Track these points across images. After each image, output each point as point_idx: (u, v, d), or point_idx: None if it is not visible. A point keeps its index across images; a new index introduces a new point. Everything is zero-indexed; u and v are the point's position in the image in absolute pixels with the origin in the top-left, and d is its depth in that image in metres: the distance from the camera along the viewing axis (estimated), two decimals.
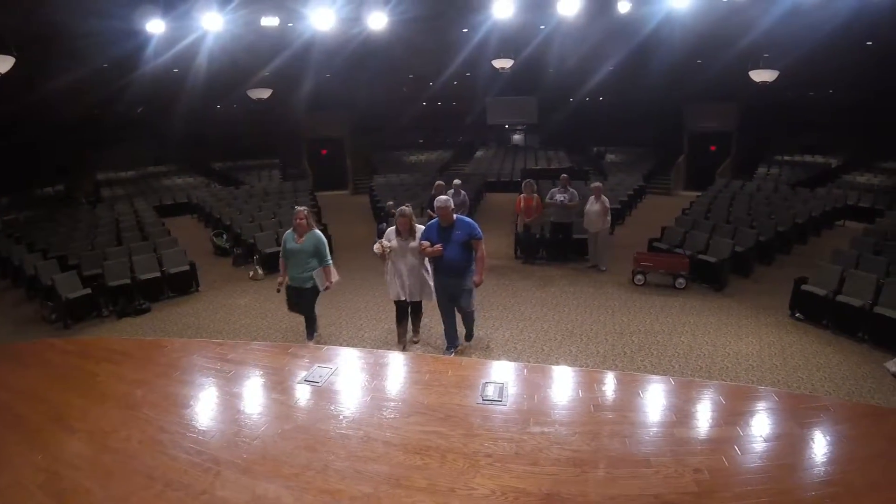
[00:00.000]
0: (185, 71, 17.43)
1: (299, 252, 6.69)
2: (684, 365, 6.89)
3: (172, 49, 14.38)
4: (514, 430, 2.97)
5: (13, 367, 4.70)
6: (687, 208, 15.68)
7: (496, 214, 17.46)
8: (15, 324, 10.06)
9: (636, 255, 10.46)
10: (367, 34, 14.82)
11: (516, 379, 3.63)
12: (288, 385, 3.62)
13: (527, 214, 11.64)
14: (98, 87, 17.60)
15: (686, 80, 20.69)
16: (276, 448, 3.00)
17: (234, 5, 12.57)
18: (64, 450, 3.21)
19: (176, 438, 3.20)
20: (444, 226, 6.53)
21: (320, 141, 27.05)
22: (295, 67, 18.35)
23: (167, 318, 9.63)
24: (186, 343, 4.95)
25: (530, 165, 25.17)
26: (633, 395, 3.41)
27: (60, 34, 13.08)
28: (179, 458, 2.99)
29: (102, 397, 3.88)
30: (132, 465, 2.99)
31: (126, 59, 14.89)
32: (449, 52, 18.43)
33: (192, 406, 3.72)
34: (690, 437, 2.92)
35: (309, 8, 12.96)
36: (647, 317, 8.59)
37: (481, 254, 6.56)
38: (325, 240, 6.83)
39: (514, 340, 7.73)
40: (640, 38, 15.56)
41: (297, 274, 6.76)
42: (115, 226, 15.26)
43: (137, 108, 22.12)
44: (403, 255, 6.69)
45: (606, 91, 25.59)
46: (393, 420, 3.13)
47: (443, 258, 6.46)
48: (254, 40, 15.13)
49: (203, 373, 4.14)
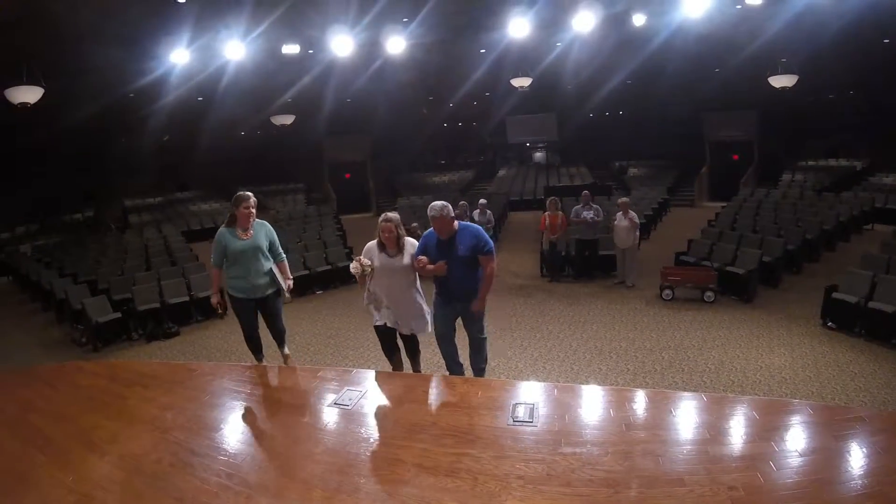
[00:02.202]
0: (209, 98, 17.79)
1: (249, 249, 4.97)
2: (716, 380, 6.77)
3: (196, 78, 14.72)
4: (545, 452, 2.96)
5: (42, 390, 4.79)
6: (712, 220, 15.44)
7: (521, 233, 17.40)
8: (44, 346, 10.25)
9: (663, 269, 10.34)
10: (385, 58, 15.03)
11: (546, 399, 3.62)
12: (318, 408, 3.65)
13: (552, 232, 11.52)
14: (124, 115, 18.07)
15: (704, 89, 20.54)
16: (307, 471, 3.01)
17: (255, 34, 12.84)
18: (94, 472, 3.27)
19: (207, 462, 3.24)
20: (443, 238, 4.93)
21: (342, 164, 27.33)
22: (316, 93, 18.65)
23: (196, 342, 9.70)
24: (216, 367, 5.02)
25: (553, 183, 25.06)
26: (665, 413, 3.36)
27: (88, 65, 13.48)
28: (210, 482, 3.01)
29: (132, 420, 3.95)
30: (163, 487, 3.02)
31: (151, 88, 15.27)
32: (467, 73, 18.61)
33: (223, 429, 3.76)
34: (724, 455, 2.87)
35: (328, 35, 13.20)
36: (677, 332, 8.45)
37: (489, 271, 4.89)
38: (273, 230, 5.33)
39: (542, 360, 7.64)
40: (656, 50, 15.56)
41: (254, 279, 5.00)
42: (144, 251, 15.49)
43: (163, 135, 22.60)
44: (389, 275, 4.86)
45: (625, 105, 25.58)
46: (423, 443, 3.12)
47: (446, 278, 4.90)
48: (275, 68, 15.42)
49: (233, 396, 4.18)
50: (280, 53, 14.01)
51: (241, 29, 12.49)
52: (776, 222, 13.54)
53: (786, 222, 13.34)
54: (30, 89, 11.38)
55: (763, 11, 12.45)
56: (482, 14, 13.41)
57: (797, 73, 15.82)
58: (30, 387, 5.03)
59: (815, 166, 22.66)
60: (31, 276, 14.28)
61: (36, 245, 18.77)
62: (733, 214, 15.34)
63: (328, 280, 12.43)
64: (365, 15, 12.43)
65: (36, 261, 15.74)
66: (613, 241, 11.12)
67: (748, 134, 23.28)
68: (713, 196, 22.74)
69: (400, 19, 13.17)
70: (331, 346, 8.69)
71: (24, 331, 11.43)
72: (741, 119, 22.97)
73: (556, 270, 11.84)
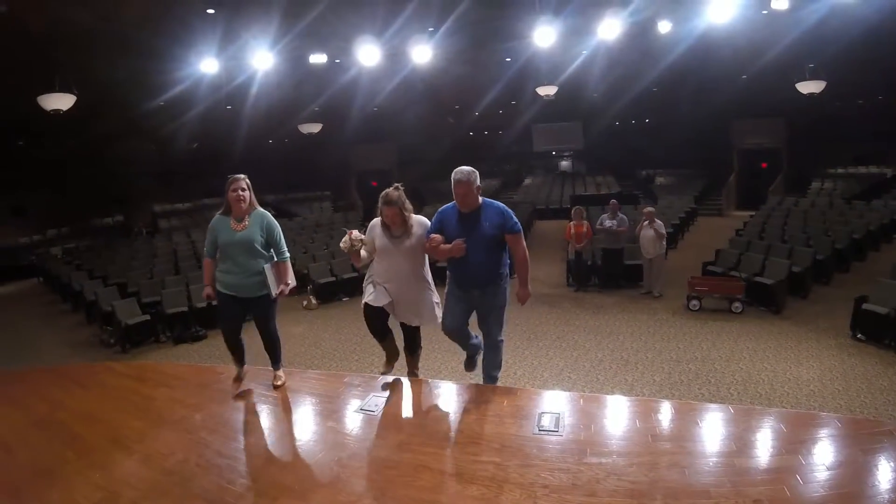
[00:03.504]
0: (238, 107, 18.08)
1: (242, 243, 4.29)
2: (743, 392, 6.68)
3: (225, 87, 14.97)
4: (570, 461, 2.94)
5: (71, 389, 4.89)
6: (740, 229, 15.26)
7: (546, 242, 17.38)
8: (72, 346, 10.49)
9: (690, 279, 10.22)
10: (411, 67, 15.13)
11: (572, 409, 3.60)
12: (343, 413, 3.67)
13: (577, 241, 11.52)
14: (155, 123, 18.41)
15: (731, 96, 20.19)
16: (333, 475, 3.03)
17: (283, 44, 13.02)
18: (121, 470, 3.34)
19: (233, 463, 3.29)
20: (464, 212, 4.22)
21: (369, 172, 27.55)
22: (343, 102, 18.84)
23: (222, 346, 9.64)
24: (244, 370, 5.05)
25: (579, 192, 24.97)
26: (692, 425, 3.32)
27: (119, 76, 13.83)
28: (236, 483, 3.06)
29: (159, 420, 4.02)
30: (189, 487, 3.07)
31: (181, 98, 15.57)
32: (492, 82, 18.66)
33: (249, 432, 3.80)
34: (750, 467, 2.83)
35: (355, 45, 13.33)
36: (704, 343, 8.36)
37: (522, 254, 4.16)
38: (276, 222, 4.52)
39: (568, 369, 7.61)
40: (681, 57, 15.40)
41: (243, 278, 4.30)
42: (173, 255, 15.81)
43: (193, 143, 23.00)
44: (392, 259, 4.20)
45: (651, 112, 25.43)
46: (449, 450, 3.14)
47: (464, 261, 4.07)
48: (303, 77, 15.62)
49: (260, 400, 4.23)
50: (307, 63, 14.17)
51: (269, 39, 12.69)
52: (805, 231, 13.31)
53: (815, 231, 13.13)
54: (62, 97, 11.66)
55: (789, 16, 12.24)
56: (507, 23, 13.43)
57: (825, 79, 15.55)
58: (59, 385, 5.14)
59: (845, 174, 22.24)
60: (62, 278, 14.63)
61: (66, 248, 19.23)
62: (761, 223, 15.13)
63: (354, 287, 12.53)
64: (391, 25, 12.53)
65: (66, 263, 16.18)
66: (640, 250, 11.02)
67: (776, 141, 23.00)
68: (741, 205, 22.46)
69: (425, 29, 13.25)
70: (356, 352, 8.76)
71: (53, 331, 11.75)
72: (769, 126, 22.68)
73: (581, 280, 11.78)
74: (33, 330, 11.92)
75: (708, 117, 22.46)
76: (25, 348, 10.39)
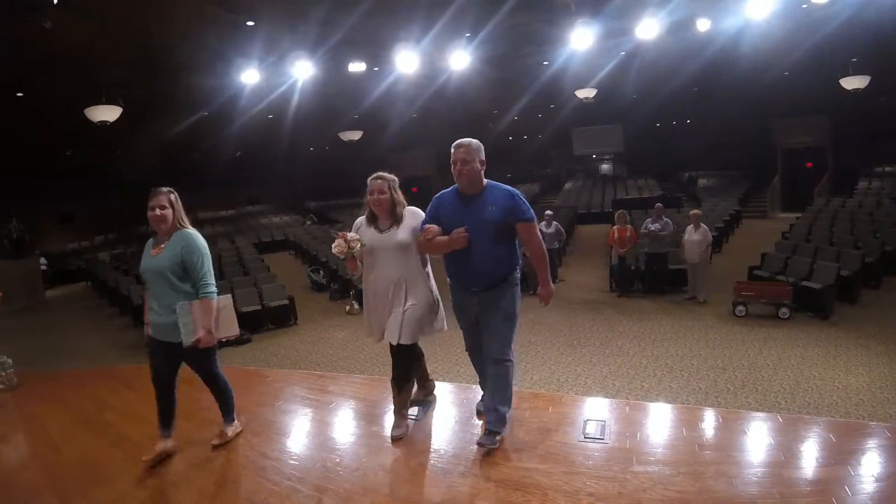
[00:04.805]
0: (279, 116, 18.32)
1: (150, 271, 3.55)
2: (790, 401, 6.50)
3: (266, 96, 15.24)
4: (616, 469, 2.91)
5: (119, 390, 5.06)
6: (787, 231, 14.78)
7: (589, 247, 17.19)
8: (119, 348, 10.79)
9: (736, 284, 9.96)
10: (449, 73, 15.18)
11: (618, 416, 3.57)
12: (387, 418, 3.68)
13: (621, 246, 11.35)
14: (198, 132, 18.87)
15: (773, 94, 19.54)
16: (377, 480, 3.06)
17: (322, 53, 13.20)
18: (167, 469, 3.43)
19: (278, 465, 3.34)
20: (466, 194, 3.47)
21: (409, 178, 27.72)
22: (382, 109, 18.96)
23: (267, 349, 10.00)
24: (288, 374, 5.16)
25: (620, 195, 24.59)
26: (738, 434, 3.26)
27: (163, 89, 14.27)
28: (281, 485, 3.11)
29: (205, 422, 4.10)
30: (234, 488, 3.15)
31: (224, 108, 15.93)
32: (531, 86, 18.53)
33: (294, 435, 3.88)
34: (798, 478, 2.78)
35: (393, 52, 13.44)
36: (751, 350, 8.13)
37: (538, 247, 3.33)
38: (202, 245, 3.62)
39: (612, 377, 7.48)
40: (721, 56, 14.98)
41: (158, 315, 3.48)
42: (218, 261, 16.10)
43: (235, 151, 23.52)
44: (380, 258, 3.49)
45: (692, 113, 24.90)
46: (493, 456, 3.12)
47: (463, 254, 3.28)
48: (342, 85, 15.79)
49: (304, 403, 4.30)
50: (346, 71, 14.35)
51: (308, 48, 12.87)
52: (853, 233, 12.83)
53: (863, 233, 12.64)
54: (109, 108, 12.03)
55: (829, 8, 11.82)
56: (544, 26, 13.32)
57: (869, 74, 15.04)
58: (107, 386, 5.32)
59: (893, 172, 21.33)
60: (109, 283, 15.11)
61: (114, 253, 19.89)
62: (808, 226, 14.63)
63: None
64: (428, 31, 12.59)
65: (114, 268, 16.72)
66: (684, 255, 10.83)
67: (820, 140, 22.23)
68: (787, 206, 21.77)
69: (463, 34, 13.29)
70: None
71: (100, 334, 12.12)
72: (813, 124, 21.93)
73: (625, 285, 11.61)
74: (81, 332, 12.32)
75: (750, 116, 21.95)
76: (74, 350, 10.72)
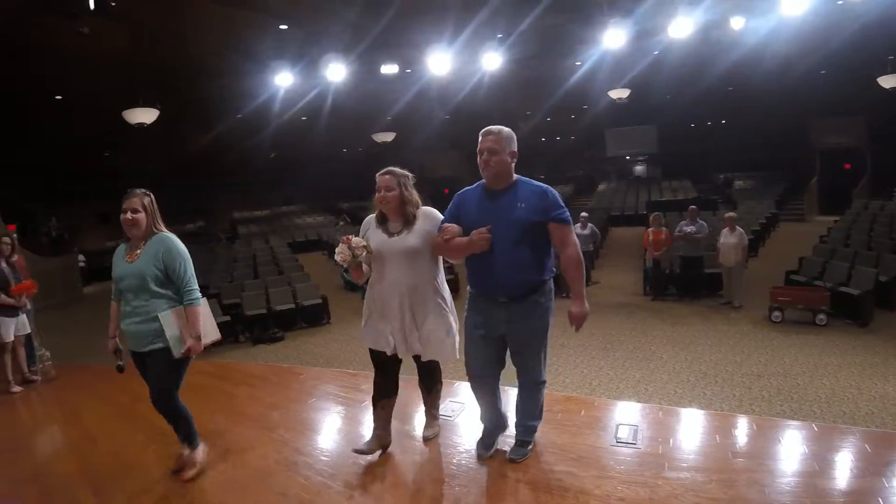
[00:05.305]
0: (313, 118, 18.60)
1: (127, 278, 3.21)
2: (826, 410, 6.30)
3: (300, 99, 15.44)
4: (647, 475, 2.86)
5: None
6: (824, 235, 14.30)
7: (622, 249, 16.95)
8: None
9: (772, 289, 9.70)
10: (482, 75, 15.16)
11: (650, 421, 3.52)
12: (419, 418, 3.67)
13: (655, 249, 11.18)
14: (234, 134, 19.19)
15: (810, 93, 19.07)
16: (408, 479, 3.06)
17: (355, 56, 13.31)
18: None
19: (310, 461, 3.37)
20: (492, 190, 3.05)
21: (441, 179, 27.80)
22: (414, 110, 19.06)
23: (300, 347, 10.08)
24: (321, 372, 5.19)
25: (654, 197, 24.11)
26: (772, 442, 3.19)
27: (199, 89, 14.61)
28: (313, 480, 3.13)
29: (240, 417, 4.18)
30: (267, 482, 3.17)
31: (259, 111, 16.18)
32: (563, 86, 18.43)
33: (326, 432, 3.91)
34: (832, 488, 2.70)
35: (425, 54, 13.49)
36: (786, 357, 7.90)
37: (574, 254, 2.83)
38: (183, 250, 3.31)
39: (644, 381, 7.35)
40: (756, 54, 14.62)
41: (133, 324, 3.18)
42: (252, 260, 16.40)
43: (270, 153, 23.86)
44: (388, 264, 3.07)
45: (727, 113, 24.44)
46: (525, 458, 3.10)
47: (487, 258, 2.83)
48: (375, 87, 15.89)
49: (337, 401, 4.33)
50: (379, 73, 14.43)
51: (342, 51, 13.00)
52: (892, 237, 12.38)
53: None
54: (146, 111, 12.35)
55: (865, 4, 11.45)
56: (577, 26, 13.24)
57: None
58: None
59: None
60: None
61: None
62: (846, 229, 14.14)
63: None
64: (460, 33, 12.60)
65: None
66: (719, 258, 10.60)
67: (859, 140, 21.42)
68: (824, 209, 21.03)
69: (495, 35, 13.26)
70: None
71: None
72: (850, 124, 21.19)
73: (659, 289, 11.41)
74: None
75: (787, 116, 21.34)
76: None
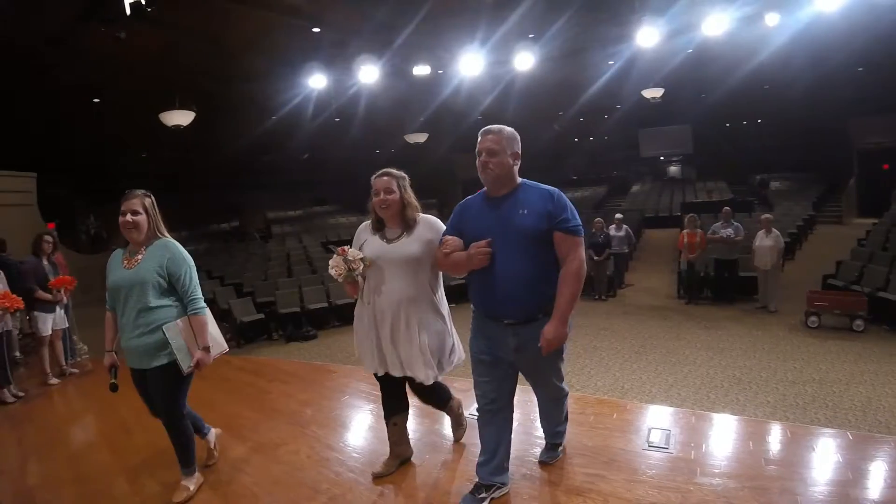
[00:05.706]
0: (346, 119, 18.72)
1: (126, 286, 2.94)
2: (861, 419, 6.13)
3: (333, 100, 15.58)
4: (679, 480, 2.84)
5: None
6: (863, 238, 13.79)
7: (656, 252, 16.76)
8: None
9: (809, 294, 9.48)
10: (514, 75, 15.11)
11: (683, 426, 3.50)
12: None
13: (690, 251, 10.98)
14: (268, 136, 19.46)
15: (848, 92, 18.59)
16: (439, 477, 3.09)
17: (387, 57, 13.37)
18: (234, 456, 3.57)
19: (342, 457, 3.43)
20: (493, 196, 2.80)
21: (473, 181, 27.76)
22: (446, 112, 19.07)
23: (332, 346, 10.16)
24: (353, 370, 5.25)
25: (689, 198, 23.65)
26: (806, 450, 3.14)
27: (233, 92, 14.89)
28: (344, 476, 3.19)
29: (273, 413, 4.26)
30: (298, 477, 3.23)
31: (292, 113, 16.30)
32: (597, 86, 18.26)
33: (358, 429, 3.97)
34: (866, 498, 2.64)
35: (457, 55, 13.50)
36: (822, 364, 7.71)
37: (577, 268, 2.53)
38: (188, 257, 3.20)
39: (677, 386, 7.25)
40: (792, 51, 14.18)
41: (131, 336, 2.90)
42: (286, 259, 16.61)
43: (303, 154, 24.13)
44: (389, 270, 2.92)
45: (764, 112, 23.96)
46: (554, 460, 3.11)
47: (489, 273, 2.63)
48: (407, 89, 15.95)
49: (370, 399, 4.38)
50: (411, 75, 14.48)
51: (374, 53, 13.07)
52: None
53: None
54: (182, 113, 12.61)
55: None
56: (609, 26, 13.09)
57: None
58: None
59: None
60: None
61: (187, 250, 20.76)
62: (885, 232, 13.68)
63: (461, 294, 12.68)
64: (492, 34, 12.58)
65: None
66: (754, 261, 10.41)
67: None
68: (863, 211, 20.32)
69: (526, 35, 13.21)
70: None
71: None
72: (891, 123, 20.31)
73: (693, 292, 11.23)
74: None
75: (824, 115, 20.74)
76: None
